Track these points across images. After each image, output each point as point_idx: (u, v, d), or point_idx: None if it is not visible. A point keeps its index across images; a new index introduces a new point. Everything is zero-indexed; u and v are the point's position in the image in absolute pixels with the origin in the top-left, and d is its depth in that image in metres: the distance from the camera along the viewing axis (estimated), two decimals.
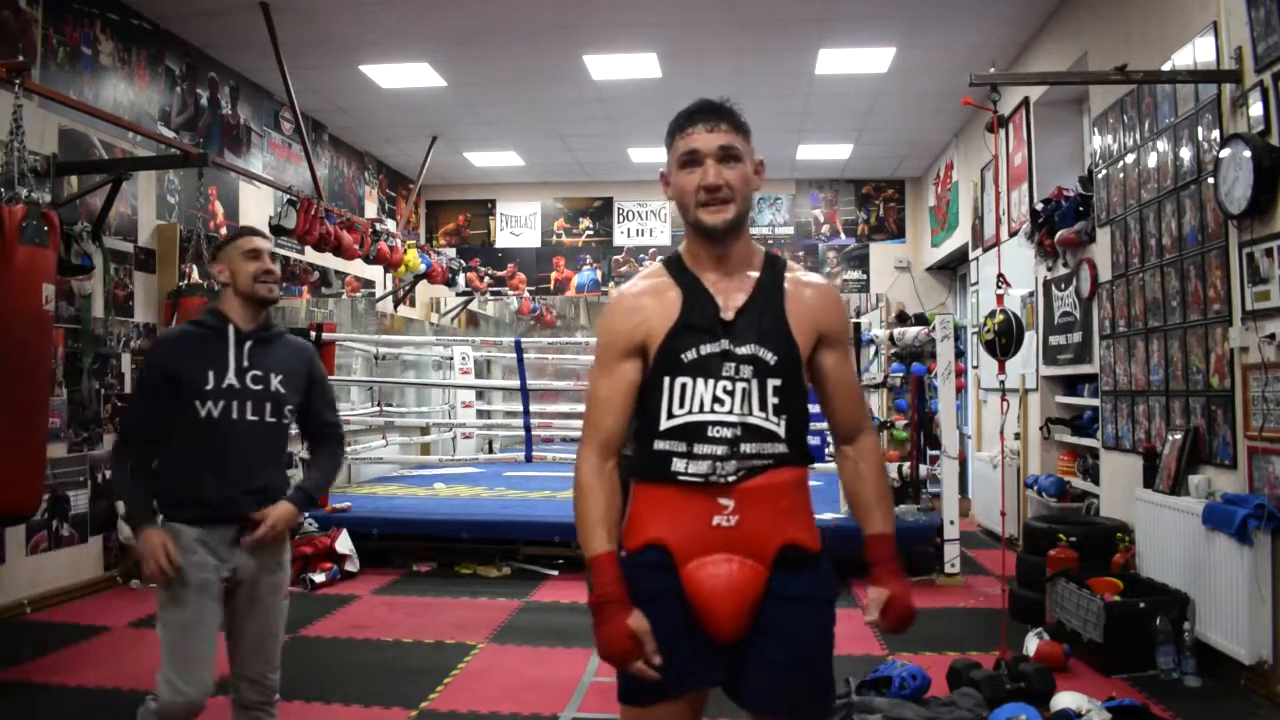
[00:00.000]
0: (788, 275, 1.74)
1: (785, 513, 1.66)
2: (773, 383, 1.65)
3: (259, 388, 2.43)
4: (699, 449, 1.63)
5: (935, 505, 5.99)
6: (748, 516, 1.64)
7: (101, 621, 4.70)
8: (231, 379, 2.40)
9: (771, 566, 1.65)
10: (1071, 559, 4.44)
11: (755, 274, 1.72)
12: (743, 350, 1.65)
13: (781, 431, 1.66)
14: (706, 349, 1.65)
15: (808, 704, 1.68)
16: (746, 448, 1.64)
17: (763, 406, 1.65)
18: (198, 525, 2.40)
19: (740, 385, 1.64)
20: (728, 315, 1.67)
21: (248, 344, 2.45)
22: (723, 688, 1.71)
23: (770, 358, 1.65)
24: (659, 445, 1.66)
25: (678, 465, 1.64)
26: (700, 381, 1.64)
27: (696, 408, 1.64)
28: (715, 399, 1.64)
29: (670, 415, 1.65)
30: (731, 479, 1.64)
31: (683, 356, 1.65)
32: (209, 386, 2.38)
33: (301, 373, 2.55)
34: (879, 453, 1.77)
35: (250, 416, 2.42)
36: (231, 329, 2.45)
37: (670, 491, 1.65)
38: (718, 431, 1.63)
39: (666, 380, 1.66)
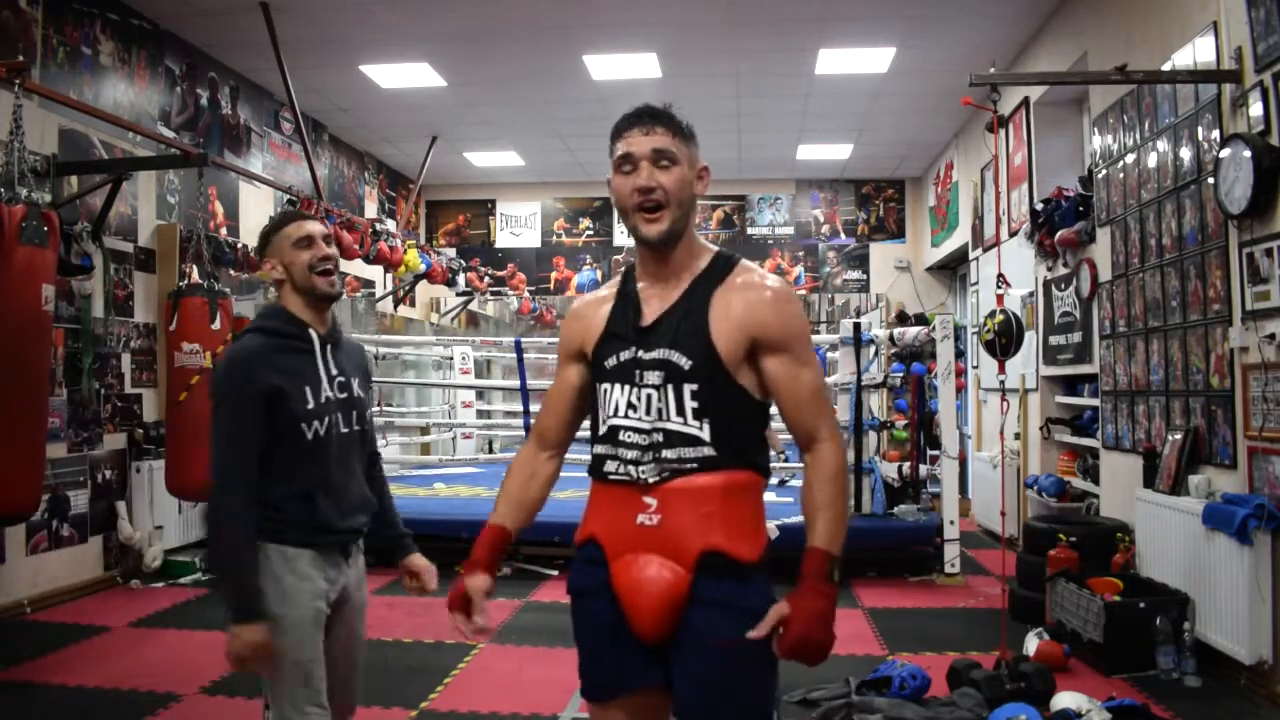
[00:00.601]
0: (728, 278, 1.69)
1: (709, 517, 1.61)
2: (689, 387, 1.63)
3: (344, 395, 2.18)
4: (619, 452, 1.67)
5: (935, 505, 6.00)
6: (668, 517, 1.62)
7: (101, 621, 4.71)
8: (327, 392, 2.13)
9: (694, 570, 1.61)
10: (1071, 559, 4.44)
11: (691, 277, 1.71)
12: (650, 356, 1.65)
13: (706, 435, 1.62)
14: (624, 356, 1.68)
15: (720, 715, 1.61)
16: (667, 453, 1.63)
17: (679, 411, 1.63)
18: (310, 548, 2.12)
19: (647, 391, 1.65)
20: (645, 322, 1.69)
21: (329, 348, 2.19)
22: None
23: (684, 362, 1.63)
24: (597, 449, 1.72)
25: (609, 466, 1.69)
26: (617, 388, 1.68)
27: (613, 412, 1.69)
28: (630, 404, 1.66)
29: (602, 420, 1.71)
30: (653, 480, 1.64)
31: (605, 364, 1.71)
32: (310, 406, 2.09)
33: (366, 374, 2.31)
34: (834, 464, 1.65)
35: (343, 429, 2.16)
36: (314, 335, 2.16)
37: (605, 489, 1.70)
38: (630, 436, 1.66)
39: (598, 387, 1.73)
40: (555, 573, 5.81)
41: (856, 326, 6.46)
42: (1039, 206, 5.99)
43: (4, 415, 3.59)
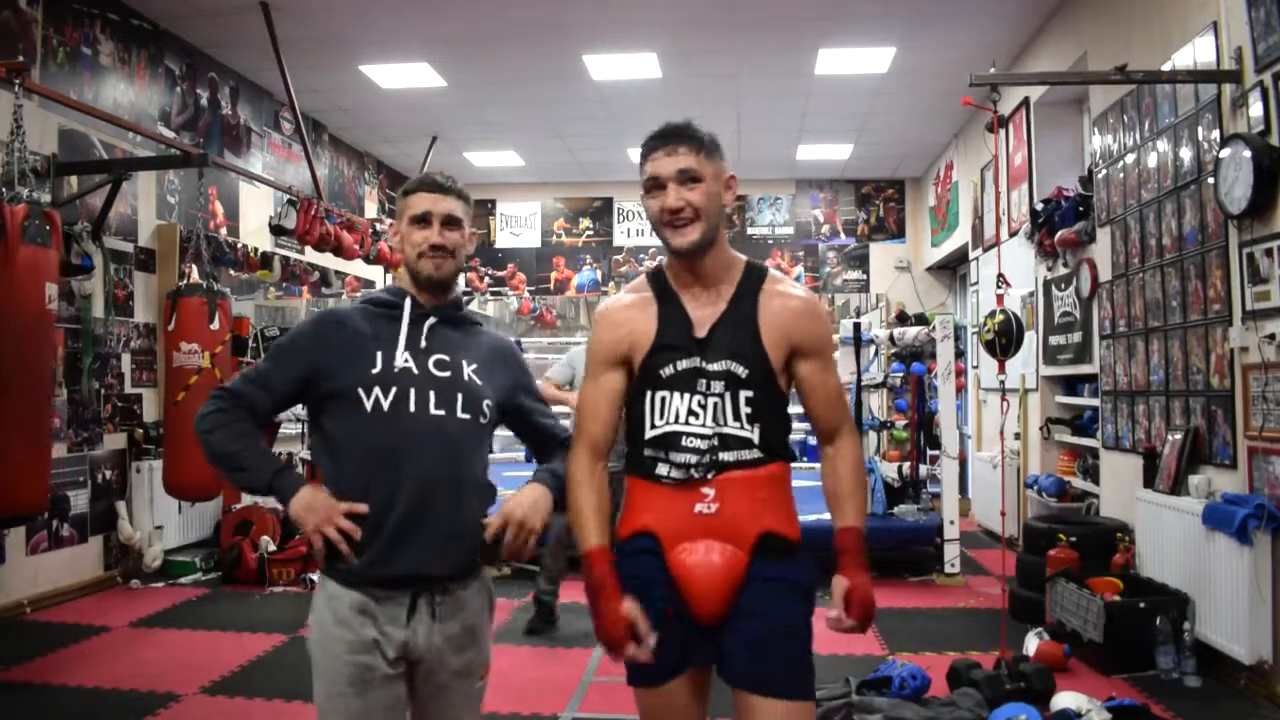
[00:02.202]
0: (765, 287, 1.82)
1: (762, 503, 1.76)
2: (745, 394, 1.76)
3: (444, 374, 1.84)
4: (676, 456, 1.76)
5: (935, 505, 5.99)
6: (727, 504, 1.74)
7: (101, 621, 4.70)
8: (405, 361, 1.82)
9: (751, 552, 1.74)
10: (1071, 559, 4.44)
11: (731, 288, 1.81)
12: (714, 366, 1.76)
13: (756, 438, 1.76)
14: (682, 365, 1.77)
15: (782, 680, 1.73)
16: (724, 455, 1.75)
17: (736, 417, 1.76)
18: (358, 591, 1.76)
19: (713, 400, 1.76)
20: (700, 333, 1.78)
21: (428, 321, 1.89)
22: (717, 671, 1.79)
23: (742, 372, 1.76)
24: (646, 451, 1.79)
25: (660, 470, 1.77)
26: (677, 395, 1.77)
27: (673, 419, 1.77)
28: (691, 411, 1.76)
29: (653, 425, 1.78)
30: (710, 476, 1.76)
31: (661, 373, 1.78)
32: (376, 369, 1.80)
33: (496, 362, 1.96)
34: (856, 453, 1.85)
35: (433, 410, 1.80)
36: (408, 302, 1.89)
37: (656, 487, 1.78)
38: (691, 442, 1.75)
39: (648, 393, 1.79)
40: None
41: (856, 326, 6.46)
42: (1039, 206, 5.99)
43: (10, 415, 3.59)
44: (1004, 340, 4.29)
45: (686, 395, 1.76)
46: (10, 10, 4.88)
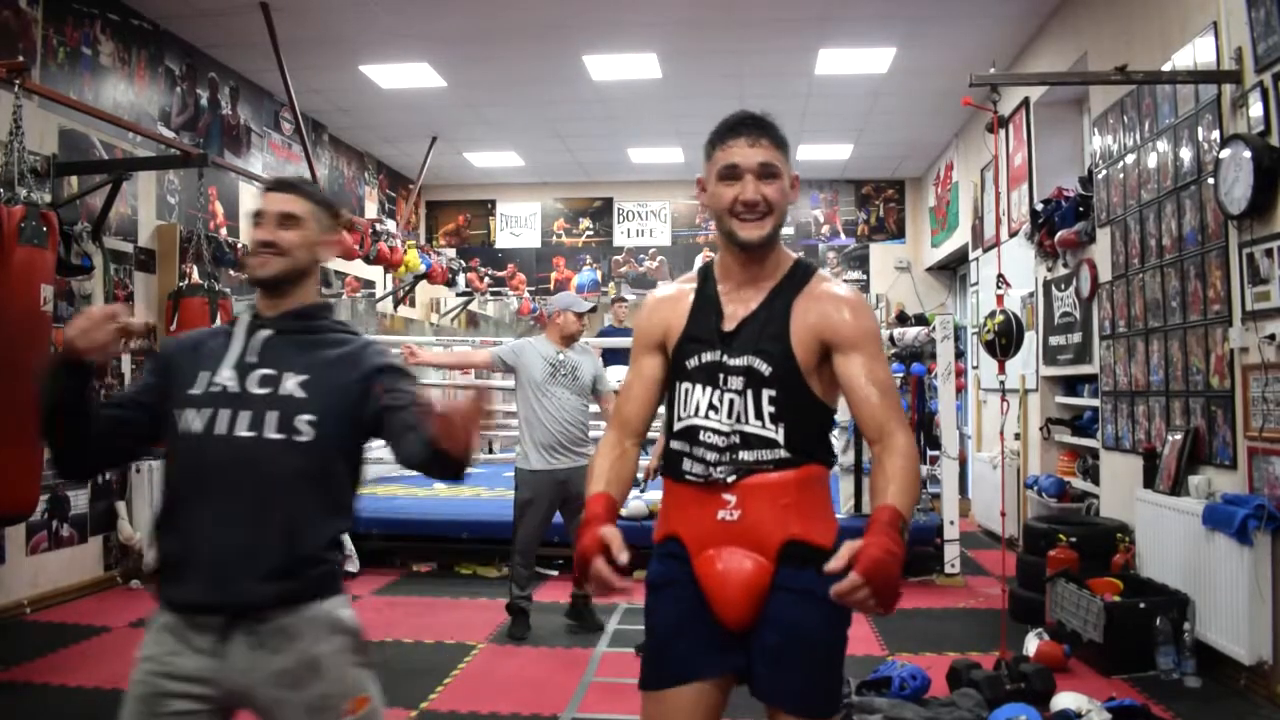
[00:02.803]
0: (809, 287, 1.76)
1: (787, 509, 1.69)
2: (768, 393, 1.70)
3: (263, 390, 1.70)
4: (696, 451, 1.72)
5: (935, 505, 5.99)
6: (749, 511, 1.69)
7: (101, 621, 4.70)
8: (225, 379, 1.71)
9: (777, 560, 1.68)
10: (1071, 559, 4.44)
11: (772, 284, 1.76)
12: (735, 362, 1.71)
13: (780, 439, 1.69)
14: (706, 358, 1.74)
15: (804, 698, 1.68)
16: (744, 455, 1.70)
17: (758, 415, 1.70)
18: (170, 609, 1.67)
19: (730, 396, 1.71)
20: (729, 326, 1.74)
21: (261, 331, 1.77)
22: (748, 686, 1.74)
23: (765, 369, 1.70)
24: (673, 444, 1.77)
25: (685, 465, 1.74)
26: (699, 388, 1.73)
27: (693, 412, 1.74)
28: (711, 406, 1.72)
29: (679, 418, 1.76)
30: (731, 479, 1.70)
31: (687, 363, 1.76)
32: (194, 391, 1.71)
33: (339, 372, 1.76)
34: (909, 448, 1.67)
35: (240, 432, 1.67)
36: (245, 316, 1.80)
37: (682, 488, 1.75)
38: (709, 437, 1.71)
39: (677, 384, 1.78)
40: (555, 573, 5.80)
41: None
42: (1039, 207, 5.99)
43: (4, 416, 3.58)
44: (1004, 340, 4.29)
45: (708, 389, 1.72)
46: (10, 10, 4.88)
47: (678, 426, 1.76)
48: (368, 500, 6.90)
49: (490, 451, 10.36)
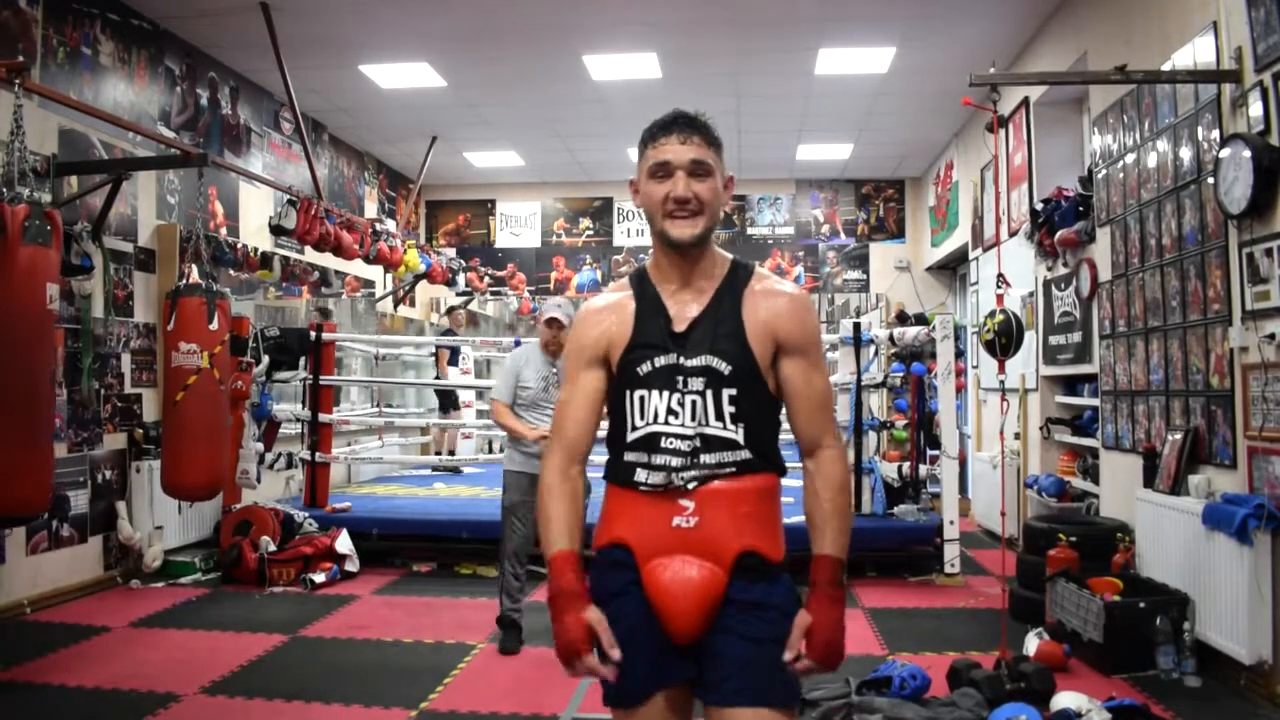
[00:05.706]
0: (751, 284, 1.74)
1: (745, 519, 1.66)
2: (728, 392, 1.66)
3: None
4: (656, 459, 1.67)
5: (935, 505, 6.00)
6: (707, 519, 1.65)
7: (101, 621, 4.70)
8: None
9: (730, 572, 1.64)
10: (1071, 559, 4.44)
11: (715, 285, 1.73)
12: (693, 362, 1.67)
13: (742, 439, 1.67)
14: (660, 362, 1.69)
15: (764, 690, 1.63)
16: (706, 458, 1.66)
17: (719, 416, 1.66)
18: None
19: (691, 398, 1.66)
20: (679, 328, 1.71)
21: None
22: (696, 693, 1.70)
23: (724, 368, 1.67)
24: (627, 456, 1.70)
25: (640, 475, 1.68)
26: (655, 394, 1.68)
27: (652, 418, 1.68)
28: (670, 410, 1.67)
29: (634, 428, 1.69)
30: (692, 485, 1.66)
31: (638, 370, 1.70)
32: None
33: None
34: (839, 470, 1.71)
35: None
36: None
37: (634, 495, 1.69)
38: (671, 443, 1.66)
39: (627, 394, 1.71)
40: None
41: (856, 326, 6.47)
42: (1039, 206, 5.99)
43: (12, 415, 3.59)
44: (1004, 340, 4.28)
45: (665, 394, 1.67)
46: (10, 10, 4.88)
47: (633, 436, 1.69)
48: (368, 500, 6.92)
49: (490, 451, 10.37)
